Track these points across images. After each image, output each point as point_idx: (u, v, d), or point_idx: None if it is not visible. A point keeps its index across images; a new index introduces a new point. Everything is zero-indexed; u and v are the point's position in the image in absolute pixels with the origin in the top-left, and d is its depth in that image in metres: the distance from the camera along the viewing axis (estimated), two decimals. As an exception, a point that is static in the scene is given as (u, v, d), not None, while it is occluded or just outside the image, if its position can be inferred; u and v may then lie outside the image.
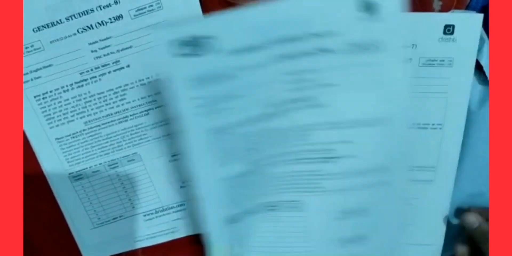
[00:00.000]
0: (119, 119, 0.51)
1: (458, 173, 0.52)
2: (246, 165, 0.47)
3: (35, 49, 0.48)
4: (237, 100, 0.44)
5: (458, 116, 0.50)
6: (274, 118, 0.45)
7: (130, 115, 0.51)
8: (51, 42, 0.48)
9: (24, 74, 0.49)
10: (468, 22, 0.47)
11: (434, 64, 0.48)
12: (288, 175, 0.48)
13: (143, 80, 0.50)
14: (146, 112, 0.51)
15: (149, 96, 0.50)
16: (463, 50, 0.48)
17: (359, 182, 0.47)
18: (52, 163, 0.52)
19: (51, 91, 0.49)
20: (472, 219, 0.51)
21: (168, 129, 0.51)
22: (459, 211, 0.53)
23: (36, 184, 0.52)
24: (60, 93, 0.50)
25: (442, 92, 0.49)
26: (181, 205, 0.54)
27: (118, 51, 0.49)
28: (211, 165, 0.46)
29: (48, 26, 0.47)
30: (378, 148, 0.46)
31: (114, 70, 0.49)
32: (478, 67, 0.50)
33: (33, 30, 0.47)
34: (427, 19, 0.48)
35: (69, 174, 0.52)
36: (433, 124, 0.50)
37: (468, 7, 0.50)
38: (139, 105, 0.50)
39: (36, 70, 0.49)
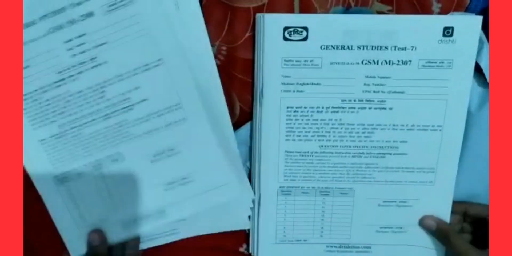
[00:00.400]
0: (100, 117, 0.50)
1: (457, 174, 0.53)
2: (59, 128, 0.50)
3: None
4: (27, 70, 0.49)
5: (458, 117, 0.50)
6: (70, 83, 0.49)
7: (112, 113, 0.50)
8: (25, 43, 0.48)
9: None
10: (468, 24, 0.48)
11: (433, 66, 0.49)
12: (101, 131, 0.51)
13: (121, 75, 0.49)
14: (129, 108, 0.50)
15: (129, 91, 0.50)
16: (463, 52, 0.48)
17: (159, 122, 0.52)
18: (37, 165, 0.51)
19: (30, 92, 0.49)
20: (430, 223, 0.53)
21: (151, 125, 0.51)
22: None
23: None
24: (39, 93, 0.49)
25: (441, 94, 0.50)
26: (161, 211, 0.53)
27: (94, 47, 0.49)
28: (26, 128, 0.50)
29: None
30: (166, 88, 0.51)
31: (92, 67, 0.49)
32: (478, 69, 0.50)
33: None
34: (426, 21, 0.48)
35: (54, 177, 0.52)
36: (433, 126, 0.51)
37: (467, 10, 0.51)
38: (120, 101, 0.50)
39: None
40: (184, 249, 0.57)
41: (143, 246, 0.56)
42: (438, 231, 0.53)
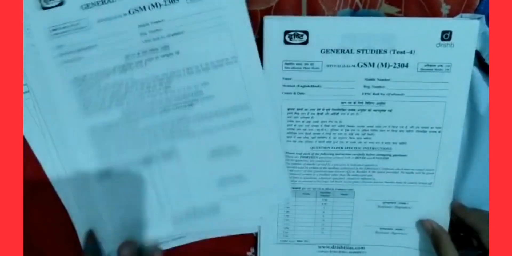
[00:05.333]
0: (160, 108, 0.52)
1: (466, 177, 0.55)
2: (113, 116, 0.52)
3: (81, 28, 0.49)
4: (94, 50, 0.50)
5: (456, 119, 0.53)
6: (135, 69, 0.50)
7: (173, 105, 0.52)
8: (98, 21, 0.49)
9: (66, 53, 0.50)
10: (465, 27, 0.51)
11: (432, 69, 0.52)
12: (158, 125, 0.52)
13: (191, 68, 0.51)
14: (190, 103, 0.52)
15: (195, 86, 0.52)
16: (461, 55, 0.51)
17: (222, 121, 0.53)
18: (82, 151, 0.52)
19: (91, 74, 0.50)
20: (427, 226, 0.56)
21: (213, 123, 0.53)
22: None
23: (42, 191, 0.54)
24: (101, 77, 0.50)
25: (440, 96, 0.53)
26: (215, 207, 0.56)
27: (168, 35, 0.50)
28: (75, 114, 0.51)
29: (98, 3, 0.49)
30: (236, 87, 0.52)
31: (162, 56, 0.50)
32: (487, 71, 0.53)
33: (82, 7, 0.49)
34: (425, 25, 0.51)
35: (98, 168, 0.53)
36: (432, 128, 0.54)
37: (476, 11, 0.53)
38: (184, 95, 0.52)
39: (79, 50, 0.50)
40: (188, 254, 0.59)
41: (172, 244, 0.58)
42: (433, 236, 0.55)
